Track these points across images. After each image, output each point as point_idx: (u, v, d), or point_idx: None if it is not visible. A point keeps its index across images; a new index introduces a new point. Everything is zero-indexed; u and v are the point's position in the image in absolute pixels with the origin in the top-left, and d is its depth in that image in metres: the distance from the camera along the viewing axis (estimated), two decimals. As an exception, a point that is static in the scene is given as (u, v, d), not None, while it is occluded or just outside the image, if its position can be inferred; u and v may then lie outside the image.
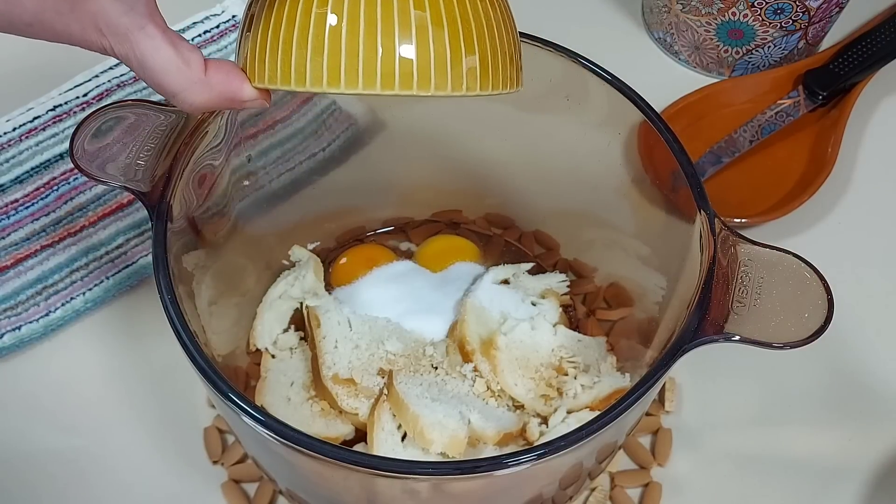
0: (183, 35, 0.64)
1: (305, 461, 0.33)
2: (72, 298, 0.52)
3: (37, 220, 0.55)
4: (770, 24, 0.59)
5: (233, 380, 0.35)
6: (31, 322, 0.51)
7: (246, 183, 0.46)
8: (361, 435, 0.43)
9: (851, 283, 0.53)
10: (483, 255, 0.52)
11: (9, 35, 0.54)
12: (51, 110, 0.60)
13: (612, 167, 0.45)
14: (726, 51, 0.62)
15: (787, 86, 0.61)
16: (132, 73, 0.62)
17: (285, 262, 0.50)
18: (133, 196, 0.38)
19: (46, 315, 0.51)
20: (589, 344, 0.46)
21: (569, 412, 0.43)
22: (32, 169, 0.57)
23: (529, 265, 0.50)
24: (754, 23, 0.59)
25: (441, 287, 0.49)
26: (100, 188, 0.56)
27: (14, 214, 0.55)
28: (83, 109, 0.60)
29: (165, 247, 0.36)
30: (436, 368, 0.44)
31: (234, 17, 0.65)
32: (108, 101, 0.61)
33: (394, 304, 0.47)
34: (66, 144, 0.55)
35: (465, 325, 0.45)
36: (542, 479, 0.38)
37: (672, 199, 0.41)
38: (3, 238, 0.54)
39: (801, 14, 0.58)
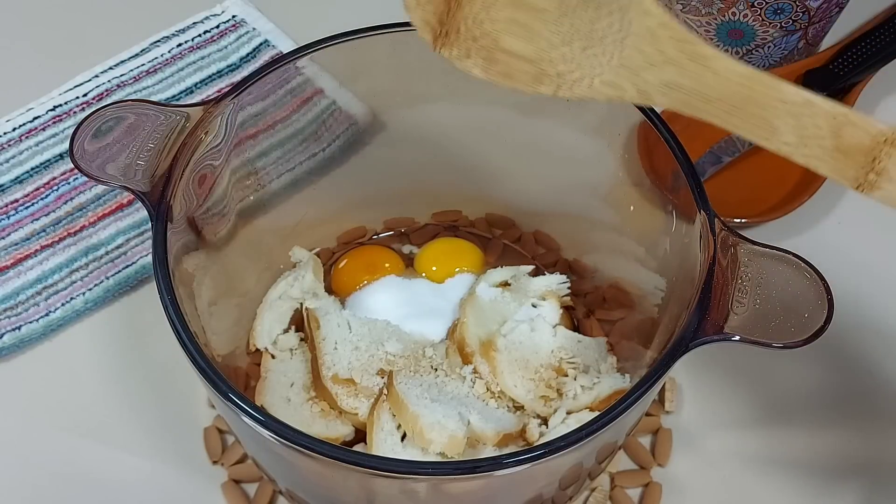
0: (183, 35, 0.64)
1: (305, 461, 0.33)
2: (72, 298, 0.52)
3: (37, 220, 0.55)
4: (770, 24, 0.59)
5: (233, 380, 0.36)
6: (31, 322, 0.51)
7: (246, 183, 0.46)
8: (361, 436, 0.43)
9: (851, 283, 0.53)
10: (483, 258, 0.52)
11: (7, 34, 0.55)
12: (51, 110, 0.60)
13: (611, 168, 0.45)
14: (726, 51, 0.62)
15: (787, 86, 0.61)
16: (132, 73, 0.62)
17: (285, 263, 0.50)
18: (133, 196, 0.38)
19: (46, 315, 0.51)
20: (589, 345, 0.46)
21: (568, 413, 0.43)
22: (32, 169, 0.57)
23: (530, 268, 0.50)
24: (754, 23, 0.59)
25: (441, 292, 0.49)
26: (100, 188, 0.56)
27: (14, 214, 0.55)
28: (83, 109, 0.60)
29: (165, 247, 0.36)
30: (435, 370, 0.44)
31: (234, 17, 0.65)
32: (108, 101, 0.61)
33: (394, 309, 0.47)
34: (66, 144, 0.55)
35: (464, 326, 0.45)
36: (541, 480, 0.38)
37: (672, 200, 0.41)
38: (3, 238, 0.54)
39: (801, 14, 0.58)
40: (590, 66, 0.32)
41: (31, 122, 0.59)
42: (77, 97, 0.61)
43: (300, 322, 0.48)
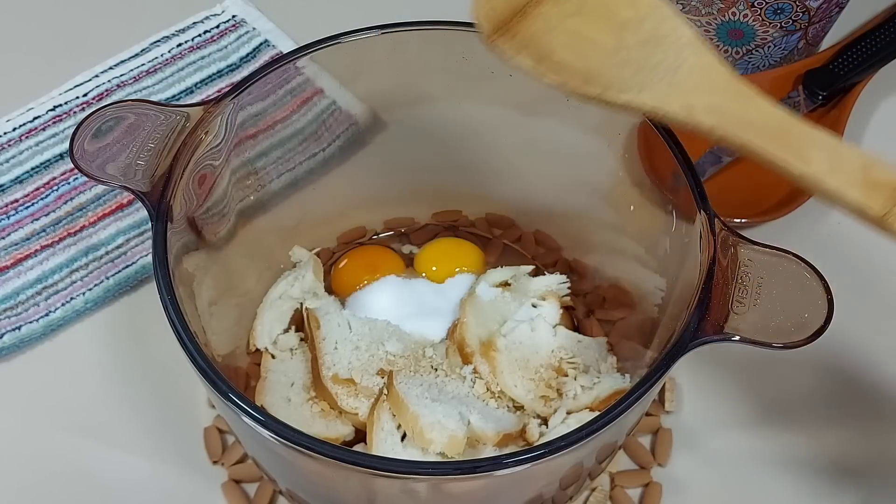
0: (183, 35, 0.64)
1: (305, 461, 0.33)
2: (72, 298, 0.52)
3: (37, 220, 0.55)
4: (770, 24, 0.59)
5: (233, 380, 0.35)
6: (31, 322, 0.51)
7: (246, 183, 0.46)
8: (361, 436, 0.43)
9: (851, 283, 0.53)
10: (483, 258, 0.52)
11: (8, 34, 0.54)
12: (51, 110, 0.60)
13: (612, 168, 0.45)
14: (726, 51, 0.62)
15: (787, 86, 0.61)
16: (132, 73, 0.62)
17: (285, 263, 0.50)
18: (133, 196, 0.38)
19: (46, 315, 0.51)
20: (589, 345, 0.46)
21: (569, 413, 0.43)
22: (32, 169, 0.57)
23: (530, 268, 0.50)
24: (754, 23, 0.59)
25: (441, 292, 0.49)
26: (100, 188, 0.56)
27: (14, 214, 0.55)
28: (83, 109, 0.60)
29: (165, 247, 0.36)
30: (435, 370, 0.44)
31: (234, 17, 0.65)
32: (108, 101, 0.61)
33: (394, 309, 0.47)
34: (66, 144, 0.55)
35: (464, 326, 0.45)
36: (541, 480, 0.38)
37: (672, 200, 0.41)
38: (3, 238, 0.54)
39: (801, 14, 0.58)
40: (638, 83, 0.34)
41: (31, 122, 0.59)
42: (77, 97, 0.61)
43: (300, 322, 0.48)
